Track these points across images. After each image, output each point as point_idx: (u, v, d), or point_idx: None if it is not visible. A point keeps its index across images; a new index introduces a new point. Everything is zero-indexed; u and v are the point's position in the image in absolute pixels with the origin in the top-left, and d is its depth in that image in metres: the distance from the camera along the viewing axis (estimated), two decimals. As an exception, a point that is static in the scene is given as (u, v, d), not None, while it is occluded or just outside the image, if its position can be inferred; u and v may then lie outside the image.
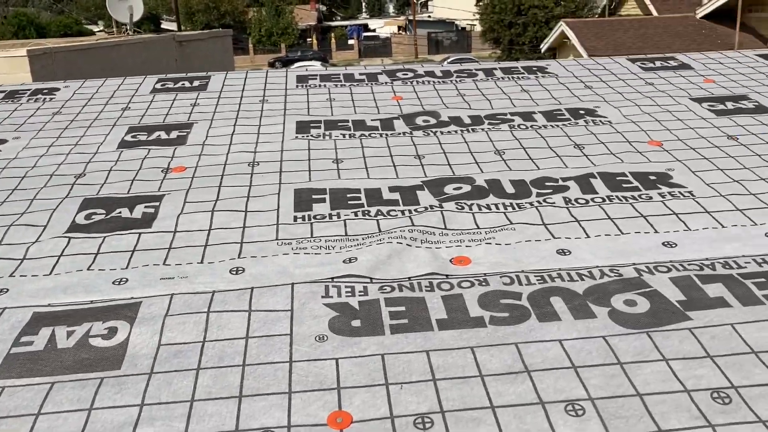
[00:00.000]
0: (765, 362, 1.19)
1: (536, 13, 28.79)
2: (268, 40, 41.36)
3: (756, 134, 2.13)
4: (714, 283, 1.41)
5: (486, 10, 30.31)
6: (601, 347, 1.24)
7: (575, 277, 1.45)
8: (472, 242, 1.59)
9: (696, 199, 1.75)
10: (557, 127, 2.23)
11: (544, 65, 2.85)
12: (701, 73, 2.70)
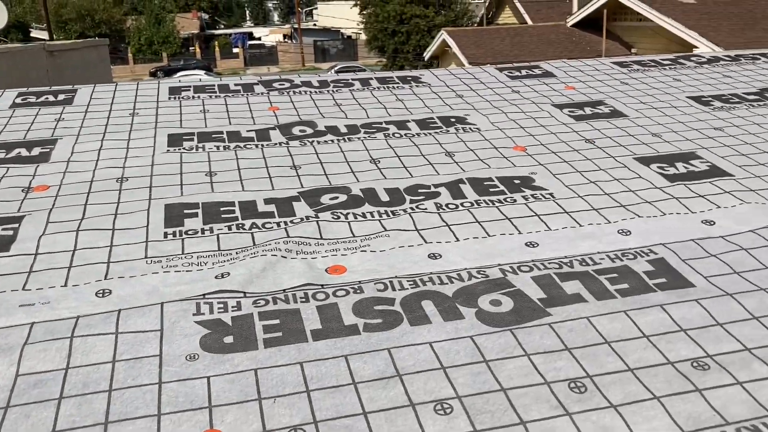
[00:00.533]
0: (616, 351, 1.28)
1: (418, 22, 29.49)
2: (148, 49, 39.96)
3: (611, 137, 2.28)
4: (572, 280, 1.50)
5: (370, 20, 30.75)
6: (468, 347, 1.29)
7: (445, 280, 1.50)
8: (348, 251, 1.61)
9: (556, 200, 1.86)
10: (430, 135, 2.30)
11: (418, 75, 2.93)
12: (563, 81, 2.87)
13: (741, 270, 1.53)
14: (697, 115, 2.48)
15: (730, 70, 3.04)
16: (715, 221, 1.75)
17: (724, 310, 1.39)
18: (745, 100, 2.65)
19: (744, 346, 1.29)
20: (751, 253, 1.60)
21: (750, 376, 1.22)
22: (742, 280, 1.50)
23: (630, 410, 1.14)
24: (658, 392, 1.18)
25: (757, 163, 2.08)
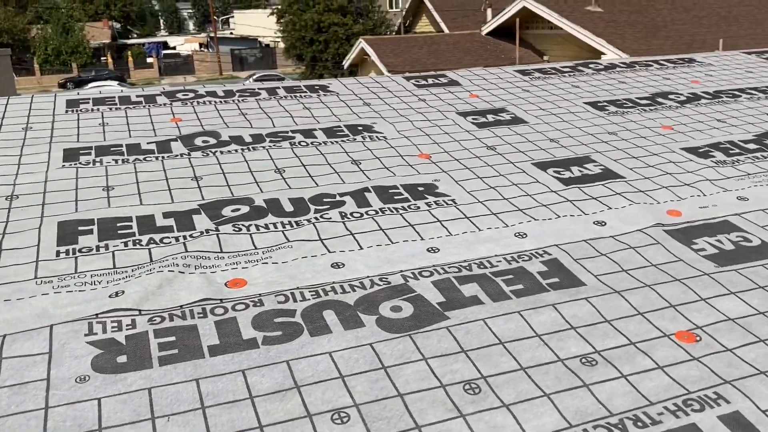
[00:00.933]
0: (510, 351, 1.32)
1: (336, 30, 29.56)
2: (56, 59, 38.36)
3: (511, 144, 2.35)
4: (470, 283, 1.53)
5: (287, 28, 30.59)
6: (368, 354, 1.30)
7: (347, 288, 1.51)
8: (249, 263, 1.60)
9: (458, 206, 1.90)
10: (336, 144, 2.31)
11: (326, 84, 2.94)
12: (468, 89, 2.94)
13: (628, 268, 1.61)
14: (593, 120, 2.59)
15: (626, 77, 3.19)
16: (606, 222, 1.83)
17: (611, 307, 1.46)
18: (638, 104, 2.78)
19: (629, 341, 1.36)
20: (638, 251, 1.68)
21: (633, 369, 1.28)
22: (629, 278, 1.57)
23: (521, 408, 1.18)
24: (548, 389, 1.22)
25: (646, 165, 2.19)
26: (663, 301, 1.48)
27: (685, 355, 1.32)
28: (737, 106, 2.78)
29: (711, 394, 1.21)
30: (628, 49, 18.77)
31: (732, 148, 2.34)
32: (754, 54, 3.66)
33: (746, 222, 1.84)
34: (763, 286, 1.54)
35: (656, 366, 1.29)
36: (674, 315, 1.44)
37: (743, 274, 1.59)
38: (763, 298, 1.50)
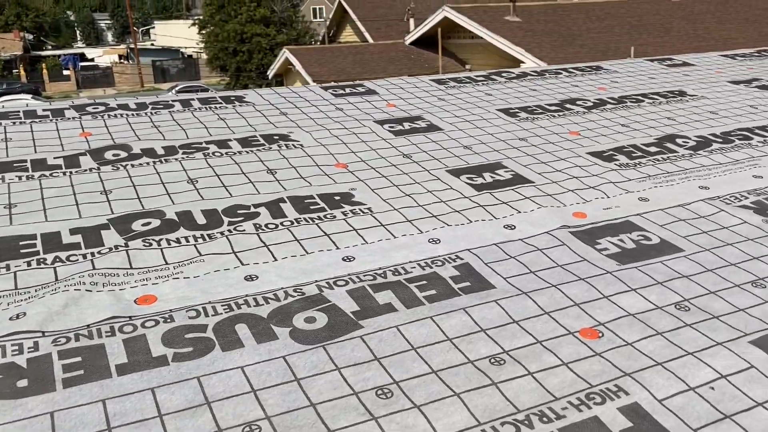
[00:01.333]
0: (422, 356, 1.34)
1: (260, 41, 29.33)
2: (-37, 72, 36.56)
3: (426, 151, 2.39)
4: (384, 291, 1.55)
5: (209, 39, 30.15)
6: (280, 367, 1.30)
7: (261, 301, 1.50)
8: (159, 279, 1.57)
9: (374, 214, 1.92)
10: (252, 153, 2.29)
11: (242, 95, 2.92)
12: (385, 98, 2.97)
13: (536, 269, 1.67)
14: (505, 127, 2.67)
15: (536, 84, 3.29)
16: (516, 225, 1.89)
17: (519, 308, 1.50)
18: (548, 111, 2.88)
19: (536, 340, 1.40)
20: (545, 253, 1.74)
21: (540, 367, 1.32)
22: (536, 279, 1.63)
23: (432, 408, 1.20)
24: (458, 389, 1.25)
25: (554, 169, 2.27)
26: (568, 300, 1.54)
27: (588, 351, 1.37)
28: (640, 111, 2.92)
29: (612, 387, 1.27)
30: (546, 58, 19.39)
31: (635, 151, 2.45)
32: (656, 61, 3.85)
33: (646, 221, 1.93)
34: (661, 282, 1.63)
35: (561, 363, 1.34)
36: (578, 313, 1.50)
37: (643, 270, 1.67)
38: (660, 293, 1.58)
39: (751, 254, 1.77)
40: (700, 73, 3.60)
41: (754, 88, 3.34)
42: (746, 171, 2.30)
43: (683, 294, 1.58)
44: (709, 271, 1.69)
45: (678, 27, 23.00)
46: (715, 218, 1.96)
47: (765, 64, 3.87)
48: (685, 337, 1.43)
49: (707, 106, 3.01)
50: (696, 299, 1.56)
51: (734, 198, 2.08)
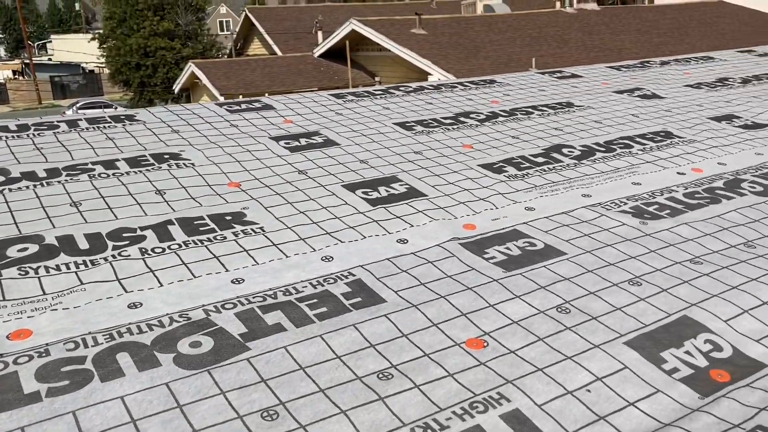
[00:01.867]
0: (309, 375, 1.34)
1: (164, 54, 28.61)
2: None
3: (323, 167, 2.39)
4: (273, 311, 1.54)
5: (111, 53, 29.17)
6: (163, 394, 1.26)
7: (144, 328, 1.46)
8: (36, 311, 1.50)
9: (266, 234, 1.90)
10: (140, 173, 2.23)
11: (133, 113, 2.83)
12: (282, 114, 2.96)
13: (426, 281, 1.69)
14: (401, 140, 2.71)
15: (433, 98, 3.36)
16: (408, 239, 1.91)
17: (408, 321, 1.52)
18: (443, 124, 2.95)
19: (423, 352, 1.43)
20: (436, 265, 1.78)
21: (426, 379, 1.34)
22: (426, 291, 1.65)
23: (317, 427, 1.20)
24: (345, 407, 1.26)
25: (447, 182, 2.32)
26: (456, 311, 1.57)
27: (473, 361, 1.41)
28: (530, 122, 3.03)
29: (494, 395, 1.31)
30: (452, 69, 19.85)
31: (523, 162, 2.54)
32: (547, 74, 4.01)
33: (532, 229, 2.00)
34: (544, 286, 1.69)
35: (447, 374, 1.36)
36: (465, 323, 1.53)
37: (527, 276, 1.73)
38: (543, 297, 1.64)
39: (629, 254, 1.87)
40: (587, 85, 3.78)
41: (636, 98, 3.54)
42: (626, 179, 2.42)
43: (564, 296, 1.65)
44: (589, 272, 1.77)
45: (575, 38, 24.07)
46: (596, 222, 2.06)
47: (647, 75, 4.10)
48: (565, 341, 1.48)
49: (592, 116, 3.16)
50: (576, 300, 1.63)
51: (614, 204, 2.19)
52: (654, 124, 3.06)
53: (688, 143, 2.83)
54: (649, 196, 2.26)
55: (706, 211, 2.16)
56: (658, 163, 2.59)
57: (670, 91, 3.71)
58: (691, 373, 1.40)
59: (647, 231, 2.00)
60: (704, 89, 3.78)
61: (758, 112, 3.30)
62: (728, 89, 3.80)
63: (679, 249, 1.90)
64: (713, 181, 2.41)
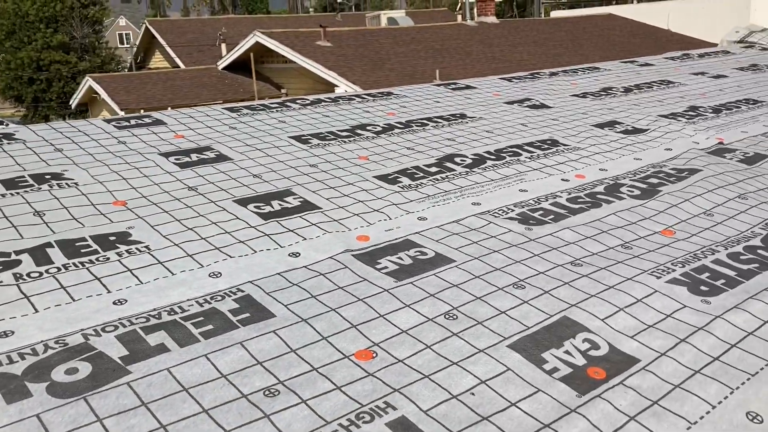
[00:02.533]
0: (193, 396, 1.31)
1: (59, 68, 27.39)
2: None
3: (214, 182, 2.35)
4: (157, 332, 1.49)
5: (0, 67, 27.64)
6: (33, 427, 1.20)
7: (16, 358, 1.38)
8: None
9: (151, 252, 1.84)
10: (18, 195, 2.12)
11: (12, 132, 2.69)
12: (173, 129, 2.89)
13: (317, 294, 1.69)
14: (296, 154, 2.70)
15: (330, 110, 3.37)
16: (301, 252, 1.91)
17: (297, 336, 1.52)
18: (339, 137, 2.96)
19: (312, 367, 1.42)
20: (328, 277, 1.78)
21: (314, 393, 1.34)
22: (317, 304, 1.65)
23: (200, 451, 1.17)
24: (229, 426, 1.23)
25: (342, 194, 2.33)
26: (346, 323, 1.58)
27: (361, 372, 1.41)
28: (424, 133, 3.09)
29: (381, 404, 1.32)
30: (358, 81, 19.99)
31: (417, 172, 2.59)
32: (443, 85, 4.10)
33: (424, 238, 2.04)
34: (433, 294, 1.72)
35: (335, 387, 1.36)
36: (355, 335, 1.54)
37: (418, 285, 1.76)
38: (432, 305, 1.67)
39: (514, 258, 1.93)
40: (481, 96, 3.89)
41: (525, 108, 3.67)
42: (513, 186, 2.51)
43: (452, 303, 1.68)
44: (476, 278, 1.81)
45: (477, 50, 24.78)
46: (484, 229, 2.11)
47: (537, 85, 4.27)
48: (452, 347, 1.52)
49: (484, 126, 3.26)
50: (463, 306, 1.67)
51: (502, 211, 2.26)
52: (541, 133, 3.19)
53: (572, 150, 2.96)
54: (535, 203, 2.35)
55: (587, 215, 2.26)
56: (544, 170, 2.69)
57: (557, 100, 3.88)
58: (569, 372, 1.46)
59: (532, 236, 2.08)
60: (589, 98, 3.97)
61: (638, 119, 3.50)
62: (611, 98, 4.01)
63: (561, 252, 1.98)
64: (595, 187, 2.54)
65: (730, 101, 4.04)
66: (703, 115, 3.67)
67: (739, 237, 2.15)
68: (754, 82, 4.69)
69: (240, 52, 24.46)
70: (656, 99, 4.00)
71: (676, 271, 1.86)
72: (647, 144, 3.10)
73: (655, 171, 2.72)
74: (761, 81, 4.74)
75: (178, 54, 31.07)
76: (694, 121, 3.51)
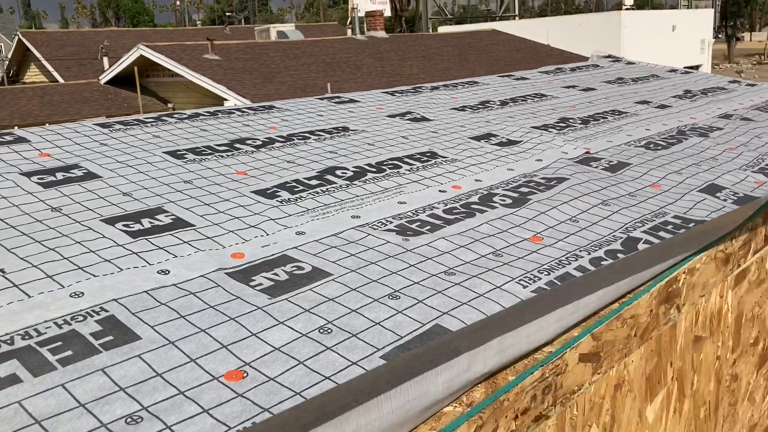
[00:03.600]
0: (47, 428, 1.23)
1: None
2: None
3: (80, 202, 2.24)
4: (8, 361, 1.40)
5: None
6: None
7: None
8: None
9: (6, 275, 1.73)
10: None
11: None
12: (38, 147, 2.73)
13: (187, 314, 1.64)
14: (170, 170, 2.62)
15: (208, 124, 3.30)
16: (171, 270, 1.84)
17: (164, 359, 1.46)
18: (217, 151, 2.90)
19: (179, 390, 1.37)
20: (199, 296, 1.73)
21: (179, 418, 1.29)
22: (186, 324, 1.60)
23: (50, 490, 1.10)
24: (85, 460, 1.17)
25: (217, 211, 2.28)
26: (216, 344, 1.54)
27: (230, 394, 1.38)
28: (306, 147, 3.08)
29: (249, 425, 1.29)
30: (249, 95, 19.74)
31: (297, 186, 2.57)
32: (326, 99, 4.11)
33: (301, 253, 2.02)
34: (308, 309, 1.71)
35: (202, 410, 1.32)
36: (225, 355, 1.50)
37: (293, 301, 1.74)
38: (306, 320, 1.66)
39: (391, 269, 1.95)
40: (363, 110, 3.93)
41: (407, 121, 3.74)
42: (393, 198, 2.54)
43: (327, 317, 1.68)
44: (353, 290, 1.82)
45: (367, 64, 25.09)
46: (362, 242, 2.13)
47: (418, 99, 4.36)
48: (325, 361, 1.51)
49: (367, 139, 3.29)
50: (339, 320, 1.67)
51: (381, 224, 2.29)
52: (421, 145, 3.26)
53: (450, 162, 3.04)
54: (413, 214, 2.40)
55: (461, 225, 2.32)
56: (423, 182, 2.75)
57: (438, 113, 3.98)
58: (440, 378, 1.49)
59: (408, 247, 2.11)
60: (468, 111, 4.10)
61: (512, 131, 3.65)
62: (488, 111, 4.16)
63: (435, 262, 2.02)
64: (470, 197, 2.61)
65: (597, 112, 4.29)
66: (573, 126, 3.87)
67: (601, 241, 2.27)
68: (620, 94, 5.01)
69: (124, 65, 23.61)
70: (530, 111, 4.19)
71: (542, 280, 1.94)
72: (520, 155, 3.24)
73: (526, 180, 2.84)
74: (626, 93, 5.06)
75: (56, 67, 29.59)
76: (564, 132, 3.70)
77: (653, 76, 5.92)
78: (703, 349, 2.50)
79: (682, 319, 2.30)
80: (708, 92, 5.41)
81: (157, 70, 24.19)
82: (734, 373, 2.80)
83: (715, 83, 5.89)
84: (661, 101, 4.86)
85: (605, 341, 1.87)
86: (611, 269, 2.13)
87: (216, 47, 22.76)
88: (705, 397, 2.56)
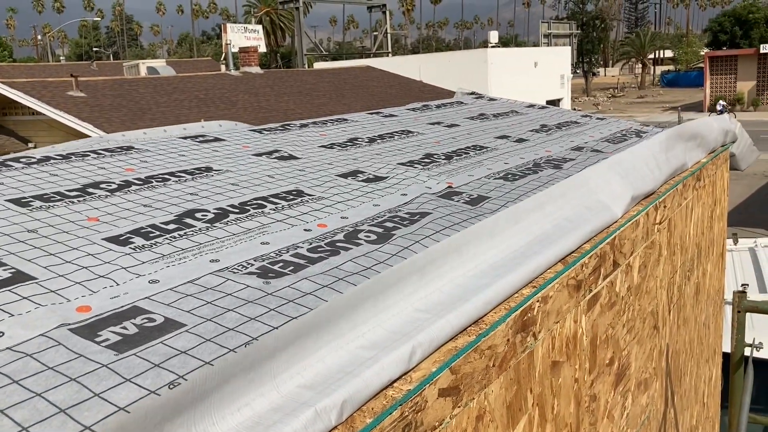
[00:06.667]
0: None
1: None
2: None
3: None
4: None
5: None
6: None
7: None
8: None
9: None
10: None
11: None
12: None
13: (21, 378, 1.51)
14: (13, 219, 2.44)
15: (59, 168, 3.11)
16: (5, 332, 1.70)
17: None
18: (67, 197, 2.73)
19: (5, 465, 1.25)
20: (36, 358, 1.60)
21: (4, 497, 1.18)
22: (19, 390, 1.47)
23: None
24: None
25: (63, 261, 2.14)
26: (53, 408, 1.42)
27: (66, 462, 1.28)
28: (166, 189, 2.98)
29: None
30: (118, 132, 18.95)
31: (153, 231, 2.46)
32: (189, 138, 4.01)
33: (153, 303, 1.93)
34: (157, 364, 1.62)
35: (32, 485, 1.21)
36: (63, 420, 1.39)
37: (141, 356, 1.65)
38: (156, 376, 1.57)
39: (249, 316, 1.90)
40: (229, 148, 3.86)
41: (274, 159, 3.71)
42: (256, 239, 2.50)
43: (178, 371, 1.60)
44: (207, 341, 1.75)
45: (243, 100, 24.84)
46: (221, 287, 2.06)
47: (286, 137, 4.34)
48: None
49: (230, 179, 3.23)
50: (190, 374, 1.59)
51: (241, 267, 2.23)
52: (288, 184, 3.24)
53: (317, 200, 3.04)
54: (276, 255, 2.36)
55: (325, 264, 2.31)
56: (288, 221, 2.72)
57: (306, 151, 3.98)
58: (296, 427, 1.45)
59: (269, 290, 2.07)
60: (336, 149, 4.13)
61: (379, 167, 3.71)
62: (356, 148, 4.21)
63: (296, 304, 1.99)
64: (335, 235, 2.61)
65: (460, 148, 4.45)
66: (437, 161, 3.99)
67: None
68: (482, 129, 5.23)
69: (-25, 103, 22.03)
70: (396, 148, 4.28)
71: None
72: (386, 191, 3.29)
73: (391, 216, 2.88)
74: (487, 128, 5.30)
75: None
76: (429, 168, 3.80)
77: (513, 112, 6.25)
78: (562, 373, 2.61)
79: (538, 345, 2.39)
80: (562, 126, 5.77)
81: (16, 107, 22.81)
82: (592, 394, 2.94)
83: (568, 117, 6.29)
84: (519, 135, 5.12)
85: (464, 374, 1.91)
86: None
87: (81, 84, 21.78)
88: (566, 420, 2.67)
